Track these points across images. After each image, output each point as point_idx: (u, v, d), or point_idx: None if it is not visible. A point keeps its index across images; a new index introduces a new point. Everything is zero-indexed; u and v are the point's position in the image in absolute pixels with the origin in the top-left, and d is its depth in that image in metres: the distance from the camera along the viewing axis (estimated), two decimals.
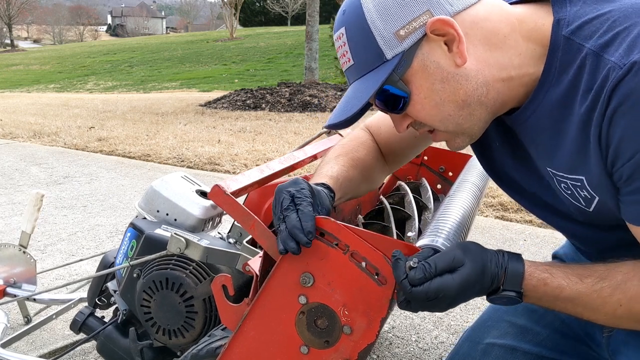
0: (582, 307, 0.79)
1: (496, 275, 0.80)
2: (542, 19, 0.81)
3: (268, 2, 35.96)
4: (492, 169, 1.02)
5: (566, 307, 0.81)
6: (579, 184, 0.81)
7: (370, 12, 0.80)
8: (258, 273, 0.91)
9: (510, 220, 3.12)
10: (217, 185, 0.91)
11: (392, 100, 0.84)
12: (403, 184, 1.44)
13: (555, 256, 1.20)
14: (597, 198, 0.81)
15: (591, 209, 0.83)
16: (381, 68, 0.81)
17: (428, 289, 0.76)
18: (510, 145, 0.94)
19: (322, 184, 0.98)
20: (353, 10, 0.83)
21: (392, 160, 1.19)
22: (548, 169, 0.85)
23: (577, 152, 0.79)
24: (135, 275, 1.33)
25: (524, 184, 0.96)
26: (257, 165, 3.99)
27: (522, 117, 0.85)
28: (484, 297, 0.82)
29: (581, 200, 0.83)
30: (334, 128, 0.89)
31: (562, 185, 0.85)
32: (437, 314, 2.02)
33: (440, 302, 0.78)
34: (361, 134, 1.18)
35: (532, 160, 0.90)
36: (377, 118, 1.19)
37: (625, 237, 0.80)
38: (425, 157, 1.56)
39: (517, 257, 0.82)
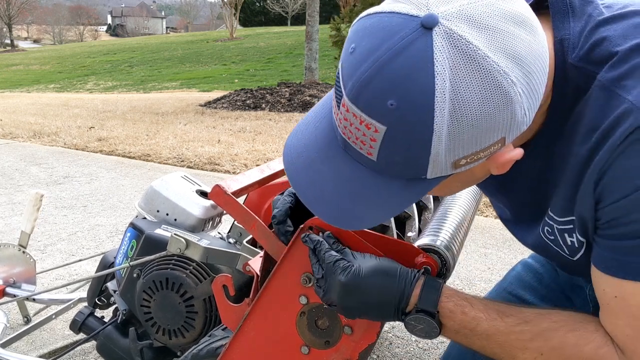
0: (499, 347, 0.72)
1: (408, 281, 0.74)
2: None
3: (268, 2, 35.97)
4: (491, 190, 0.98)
5: (482, 345, 0.74)
6: (570, 226, 0.73)
7: (440, 130, 0.59)
8: (258, 273, 0.91)
9: None
10: (217, 185, 0.91)
11: None
12: None
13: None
14: (584, 243, 0.73)
15: (575, 259, 0.76)
16: (416, 183, 0.66)
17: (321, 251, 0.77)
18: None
19: None
20: (415, 109, 0.59)
21: None
22: (549, 212, 0.77)
23: (571, 195, 0.71)
24: (135, 275, 1.32)
25: (508, 211, 0.93)
26: (257, 165, 3.99)
27: (525, 153, 0.75)
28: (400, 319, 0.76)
29: (565, 249, 0.77)
30: (328, 221, 0.72)
31: (546, 229, 0.78)
32: None
33: (337, 287, 0.74)
34: None
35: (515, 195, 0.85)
36: None
37: None
38: None
39: (436, 279, 0.78)
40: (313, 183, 0.70)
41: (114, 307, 1.53)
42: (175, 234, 1.16)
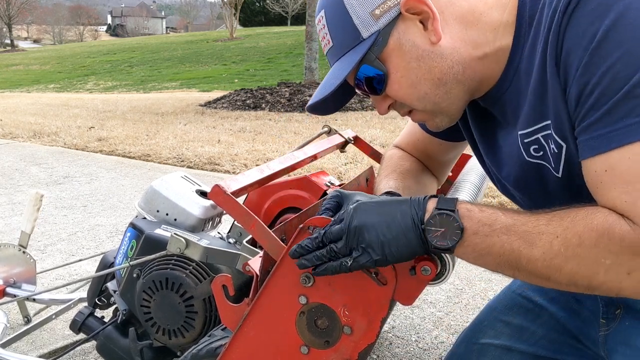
0: (519, 238, 0.71)
1: (421, 198, 0.78)
2: None
3: (268, 2, 35.96)
4: (479, 156, 1.03)
5: (502, 242, 0.72)
6: (547, 132, 0.78)
7: None
8: (258, 273, 0.91)
9: None
10: (217, 185, 0.91)
11: (370, 80, 0.84)
12: None
13: None
14: (564, 147, 0.77)
15: (559, 174, 0.80)
16: (358, 47, 0.82)
17: (343, 215, 0.78)
18: (486, 131, 0.94)
19: (385, 193, 0.99)
20: None
21: (435, 168, 1.19)
22: (519, 133, 0.83)
23: (541, 95, 0.77)
24: (135, 275, 1.32)
25: (497, 173, 0.97)
26: (257, 165, 3.99)
27: (502, 89, 0.84)
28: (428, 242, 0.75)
29: (551, 162, 0.80)
30: (313, 111, 0.89)
31: (532, 148, 0.82)
32: (437, 313, 2.02)
33: (360, 233, 0.75)
34: (394, 152, 1.18)
35: (501, 143, 0.90)
36: (403, 134, 1.20)
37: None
38: None
39: None
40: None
41: (114, 307, 1.53)
42: (175, 233, 1.16)
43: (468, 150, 1.12)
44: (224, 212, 1.16)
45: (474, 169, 1.31)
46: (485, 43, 0.81)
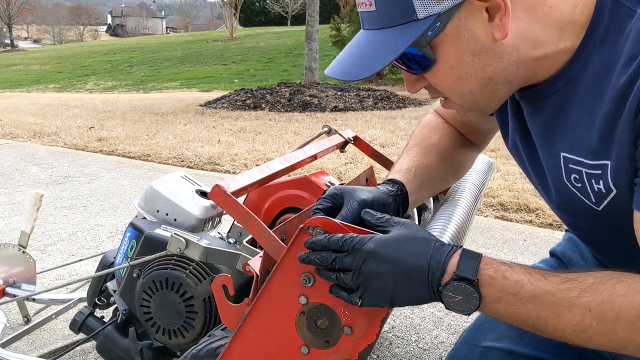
0: (546, 309, 0.67)
1: (445, 249, 0.70)
2: None
3: (268, 2, 35.97)
4: (509, 145, 0.95)
5: (527, 311, 0.68)
6: (600, 171, 0.71)
7: None
8: (258, 273, 0.91)
9: (510, 220, 3.12)
10: (217, 185, 0.91)
11: (412, 62, 0.74)
12: None
13: (552, 253, 1.18)
14: (613, 192, 0.71)
15: (600, 208, 0.75)
16: (408, 27, 0.70)
17: (339, 239, 0.73)
18: (520, 125, 0.87)
19: (387, 182, 0.94)
20: None
21: (475, 137, 1.09)
22: (563, 154, 0.76)
23: (608, 133, 0.69)
24: (135, 275, 1.32)
25: (530, 169, 0.90)
26: (257, 165, 3.99)
27: (545, 93, 0.77)
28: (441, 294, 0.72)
29: (592, 197, 0.74)
30: (341, 78, 0.77)
31: (573, 176, 0.76)
32: (437, 313, 2.02)
33: (360, 272, 0.71)
34: (430, 118, 1.10)
35: (535, 147, 0.83)
36: (450, 111, 1.10)
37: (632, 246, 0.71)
38: None
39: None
40: (339, 61, 0.79)
41: (114, 307, 1.53)
42: (175, 233, 1.16)
43: None
44: (224, 212, 1.16)
45: (474, 169, 1.31)
46: (548, 42, 0.72)
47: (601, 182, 0.72)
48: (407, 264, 0.70)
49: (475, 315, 0.88)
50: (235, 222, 1.39)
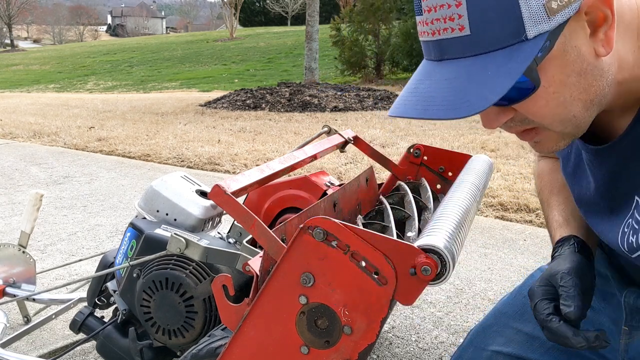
0: None
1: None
2: None
3: (268, 2, 35.98)
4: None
5: None
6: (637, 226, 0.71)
7: None
8: (258, 273, 0.91)
9: (510, 220, 3.12)
10: (217, 185, 0.91)
11: (511, 92, 0.63)
12: (403, 183, 1.44)
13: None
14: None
15: (633, 257, 0.75)
16: (517, 49, 0.61)
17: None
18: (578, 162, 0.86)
19: (562, 242, 0.90)
20: None
21: None
22: (638, 199, 0.73)
23: None
24: (135, 275, 1.32)
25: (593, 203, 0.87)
26: (257, 165, 3.99)
27: (612, 150, 0.74)
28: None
29: (628, 245, 0.75)
30: (447, 117, 0.63)
31: (629, 222, 0.75)
32: (437, 313, 2.02)
33: None
34: (543, 165, 1.05)
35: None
36: None
37: None
38: (425, 157, 1.56)
39: None
40: (422, 100, 0.66)
41: (114, 307, 1.53)
42: (175, 233, 1.16)
43: (467, 150, 1.10)
44: (224, 212, 1.16)
45: (474, 169, 1.31)
46: (627, 65, 0.67)
47: (636, 236, 0.72)
48: None
49: (480, 316, 0.87)
50: (235, 222, 1.39)
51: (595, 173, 0.83)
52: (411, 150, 1.50)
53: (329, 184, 1.48)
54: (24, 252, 1.87)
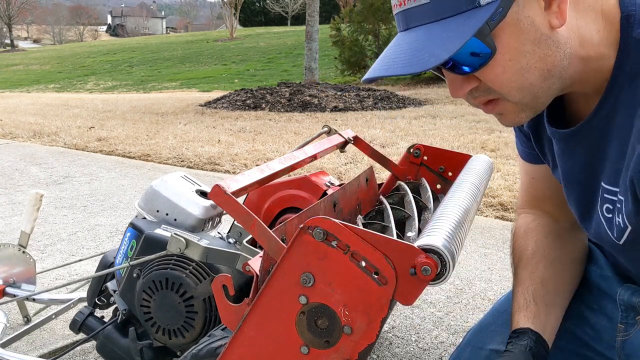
0: None
1: None
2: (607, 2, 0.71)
3: (268, 2, 35.99)
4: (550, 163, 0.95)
5: None
6: (619, 205, 0.74)
7: None
8: (258, 273, 0.91)
9: (510, 220, 3.12)
10: (217, 185, 0.91)
11: (467, 57, 0.70)
12: (403, 184, 1.44)
13: None
14: (629, 228, 0.73)
15: (621, 242, 0.76)
16: (471, 14, 0.67)
17: None
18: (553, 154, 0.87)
19: (516, 334, 0.89)
20: None
21: (560, 213, 1.03)
22: (604, 185, 0.77)
23: (625, 169, 0.71)
24: (135, 275, 1.32)
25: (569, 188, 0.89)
26: (257, 165, 3.99)
27: (581, 135, 0.77)
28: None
29: (615, 231, 0.77)
30: (399, 73, 0.70)
31: (606, 206, 0.77)
32: (437, 313, 2.02)
33: None
34: (520, 223, 1.05)
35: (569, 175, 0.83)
36: (520, 192, 1.09)
37: None
38: (425, 157, 1.56)
39: None
40: (386, 61, 0.73)
41: (114, 307, 1.53)
42: (175, 233, 1.16)
43: (467, 150, 1.11)
44: (224, 212, 1.16)
45: (474, 169, 1.31)
46: (591, 43, 0.71)
47: (621, 215, 0.74)
48: None
49: (480, 316, 0.88)
50: (235, 222, 1.39)
51: (566, 163, 0.84)
52: (411, 150, 1.50)
53: (329, 184, 1.48)
54: (24, 252, 1.87)
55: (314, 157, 1.29)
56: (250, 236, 1.33)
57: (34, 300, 1.84)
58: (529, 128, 0.95)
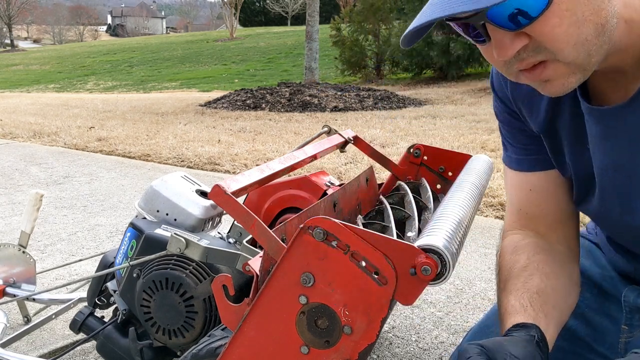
0: None
1: None
2: None
3: (268, 2, 36.00)
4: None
5: None
6: None
7: None
8: (258, 273, 0.91)
9: None
10: (217, 185, 0.91)
11: (520, 9, 0.63)
12: (403, 183, 1.44)
13: None
14: None
15: None
16: None
17: None
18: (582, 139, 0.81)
19: (517, 327, 0.79)
20: None
21: (559, 232, 0.95)
22: None
23: None
24: (135, 275, 1.32)
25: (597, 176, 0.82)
26: (257, 165, 3.99)
27: (624, 112, 0.72)
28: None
29: None
30: (410, 39, 0.67)
31: None
32: (437, 313, 2.02)
33: None
34: (506, 243, 0.98)
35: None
36: (507, 213, 1.02)
37: None
38: (425, 157, 1.56)
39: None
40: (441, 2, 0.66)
41: (114, 307, 1.53)
42: (175, 233, 1.16)
43: (468, 150, 1.11)
44: (224, 212, 1.16)
45: (474, 169, 1.31)
46: (633, 5, 0.67)
47: None
48: None
49: (480, 316, 0.87)
50: (235, 222, 1.39)
51: (604, 145, 0.77)
52: (411, 150, 1.50)
53: (329, 184, 1.48)
54: (24, 252, 1.87)
55: (314, 157, 1.29)
56: (250, 236, 1.33)
57: (34, 300, 1.84)
58: (539, 125, 0.89)
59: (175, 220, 1.41)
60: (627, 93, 0.73)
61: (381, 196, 1.44)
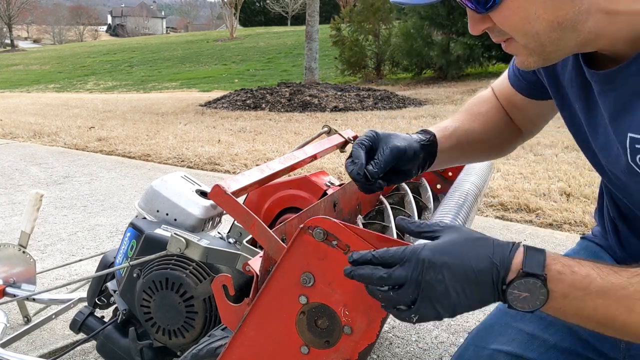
0: (616, 303, 0.66)
1: (507, 247, 0.69)
2: None
3: (268, 2, 36.01)
4: (565, 113, 0.93)
5: (596, 307, 0.66)
6: None
7: None
8: (258, 273, 0.91)
9: (510, 220, 3.12)
10: (217, 185, 0.91)
11: None
12: (403, 183, 1.44)
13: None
14: None
15: None
16: None
17: (386, 253, 0.70)
18: (585, 98, 0.84)
19: (420, 131, 0.99)
20: None
21: (520, 121, 1.09)
22: (630, 134, 0.74)
23: None
24: (135, 275, 1.32)
25: (594, 146, 0.86)
26: (257, 165, 3.99)
27: (617, 77, 0.74)
28: (495, 293, 0.69)
29: None
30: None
31: (638, 157, 0.74)
32: None
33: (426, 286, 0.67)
34: (486, 92, 1.13)
35: (605, 125, 0.80)
36: (500, 78, 1.12)
37: None
38: None
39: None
40: None
41: (114, 307, 1.53)
42: (175, 233, 1.16)
43: None
44: (224, 212, 1.16)
45: (474, 169, 1.31)
46: None
47: None
48: (470, 268, 0.68)
49: (482, 316, 0.86)
50: (235, 222, 1.39)
51: (604, 107, 0.80)
52: None
53: (329, 184, 1.48)
54: (24, 252, 1.87)
55: (314, 157, 1.29)
56: (250, 236, 1.33)
57: (34, 300, 1.84)
58: (547, 75, 0.94)
59: (175, 220, 1.41)
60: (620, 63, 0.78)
61: (381, 196, 1.44)
